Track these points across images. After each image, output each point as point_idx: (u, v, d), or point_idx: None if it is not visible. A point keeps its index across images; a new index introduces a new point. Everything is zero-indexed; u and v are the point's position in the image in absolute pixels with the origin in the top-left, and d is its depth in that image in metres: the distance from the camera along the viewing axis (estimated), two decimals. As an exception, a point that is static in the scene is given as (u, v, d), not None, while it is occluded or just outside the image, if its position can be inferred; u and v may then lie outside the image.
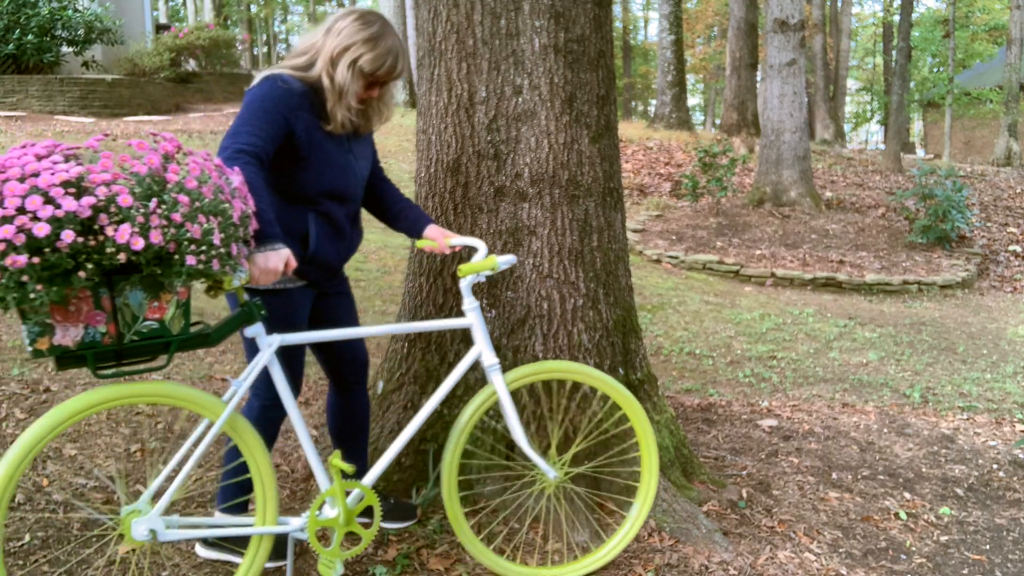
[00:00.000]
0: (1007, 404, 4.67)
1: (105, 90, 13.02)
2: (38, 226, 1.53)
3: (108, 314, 1.72)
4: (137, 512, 1.93)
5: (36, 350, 1.68)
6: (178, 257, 1.68)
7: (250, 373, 2.00)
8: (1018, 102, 17.67)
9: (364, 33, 2.13)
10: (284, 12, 43.55)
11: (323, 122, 2.18)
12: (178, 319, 1.81)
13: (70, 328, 1.70)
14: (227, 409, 1.95)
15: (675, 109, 17.01)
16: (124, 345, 1.75)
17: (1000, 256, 9.99)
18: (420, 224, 2.46)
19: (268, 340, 2.03)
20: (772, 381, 4.98)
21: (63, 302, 1.66)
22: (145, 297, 1.75)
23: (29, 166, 1.60)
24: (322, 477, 2.15)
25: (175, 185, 1.69)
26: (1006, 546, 2.87)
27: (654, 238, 9.64)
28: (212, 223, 1.71)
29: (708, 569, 2.50)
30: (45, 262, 1.55)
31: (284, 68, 2.17)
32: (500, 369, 2.28)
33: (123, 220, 1.61)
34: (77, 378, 3.63)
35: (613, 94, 2.90)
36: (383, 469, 2.21)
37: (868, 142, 43.29)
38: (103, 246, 1.60)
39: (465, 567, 2.40)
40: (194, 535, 1.99)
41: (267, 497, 2.06)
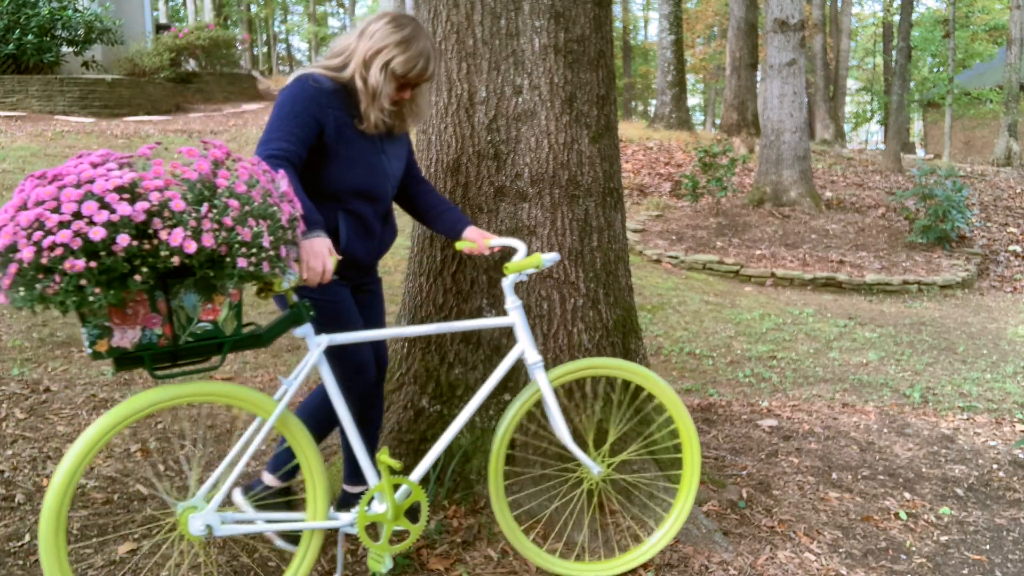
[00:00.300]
0: (1007, 404, 4.67)
1: (105, 90, 13.02)
2: (94, 230, 1.59)
3: (164, 316, 1.77)
4: (193, 508, 1.98)
5: (96, 352, 1.73)
6: (230, 260, 1.73)
7: (300, 372, 2.06)
8: (1018, 102, 17.67)
9: (396, 36, 2.15)
10: (284, 12, 43.55)
11: (355, 120, 2.21)
12: (231, 320, 1.86)
13: (128, 330, 1.75)
14: (279, 407, 2.00)
15: (675, 109, 17.01)
16: (179, 346, 1.81)
17: (1000, 256, 9.99)
18: (460, 226, 2.47)
19: (316, 340, 2.07)
20: (772, 381, 4.98)
21: (120, 305, 1.71)
22: (199, 299, 1.80)
23: (84, 173, 1.66)
24: (370, 473, 2.19)
25: (225, 190, 1.74)
26: (1006, 546, 2.87)
27: (654, 238, 9.64)
28: (262, 226, 1.76)
29: (708, 569, 2.50)
30: (102, 266, 1.61)
31: (317, 68, 2.21)
32: (543, 367, 2.31)
33: (176, 224, 1.66)
34: (77, 378, 3.63)
35: (613, 94, 2.90)
36: (428, 467, 2.23)
37: (868, 142, 43.29)
38: (157, 250, 1.65)
39: (465, 567, 2.40)
40: (247, 530, 2.05)
41: (317, 492, 2.10)
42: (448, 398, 2.76)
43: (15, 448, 2.91)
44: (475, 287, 2.77)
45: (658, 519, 2.65)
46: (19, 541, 2.37)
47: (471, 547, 2.49)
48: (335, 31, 48.02)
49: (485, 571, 2.39)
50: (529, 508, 2.64)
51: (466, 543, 2.51)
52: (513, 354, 2.28)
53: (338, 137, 2.18)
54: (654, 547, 2.46)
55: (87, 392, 3.50)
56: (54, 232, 1.59)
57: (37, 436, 3.03)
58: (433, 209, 2.49)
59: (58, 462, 2.85)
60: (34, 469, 2.79)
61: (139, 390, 3.60)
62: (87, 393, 3.49)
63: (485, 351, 2.75)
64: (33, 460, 2.85)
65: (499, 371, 2.28)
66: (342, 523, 2.14)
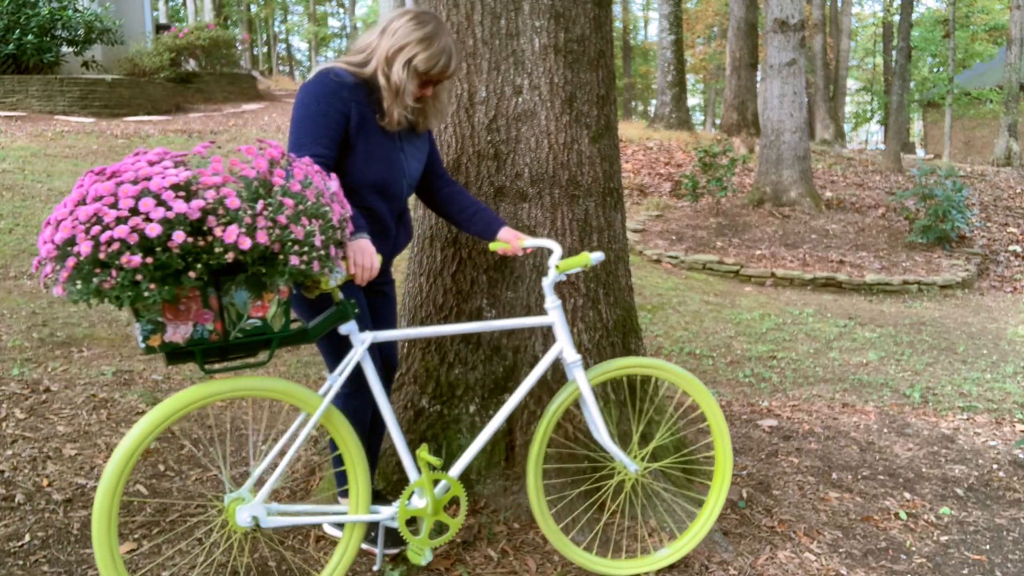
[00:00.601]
0: (1007, 404, 4.67)
1: (105, 90, 13.02)
2: (150, 227, 1.62)
3: (215, 312, 1.81)
4: (240, 500, 2.03)
5: (148, 347, 1.78)
6: (282, 257, 1.76)
7: (345, 368, 2.10)
8: (1018, 102, 17.67)
9: (418, 33, 2.16)
10: (284, 12, 43.55)
11: (376, 116, 2.22)
12: (279, 317, 1.89)
13: (180, 326, 1.79)
14: (324, 403, 2.05)
15: (675, 109, 17.01)
16: (229, 342, 1.85)
17: (1000, 256, 9.99)
18: (494, 226, 2.47)
19: (361, 337, 2.11)
20: (772, 381, 4.98)
21: (174, 301, 1.76)
22: (249, 296, 1.84)
23: (142, 171, 1.70)
24: (411, 468, 2.23)
25: (280, 188, 1.78)
26: (1006, 546, 2.87)
27: (654, 238, 9.64)
28: (314, 225, 1.80)
29: (708, 569, 2.50)
30: (157, 261, 1.64)
31: (339, 63, 2.23)
32: (583, 365, 2.34)
33: (231, 221, 1.69)
34: (77, 378, 3.63)
35: (613, 94, 2.90)
36: (468, 462, 2.28)
37: (868, 142, 43.29)
38: (212, 246, 1.68)
39: (465, 567, 2.40)
40: (292, 523, 2.09)
41: (360, 486, 2.16)
42: (448, 398, 2.76)
43: (15, 448, 2.91)
44: (475, 287, 2.77)
45: (687, 515, 2.70)
46: (19, 541, 2.37)
47: (471, 547, 2.50)
48: (335, 31, 48.06)
49: (485, 571, 2.39)
50: (561, 506, 2.65)
51: (466, 543, 2.51)
52: (552, 353, 2.32)
53: (359, 131, 2.19)
54: (688, 544, 2.50)
55: (87, 392, 3.50)
56: (111, 227, 1.62)
57: (37, 436, 3.03)
58: (467, 210, 2.47)
59: (60, 462, 2.86)
60: (34, 469, 2.79)
61: (139, 390, 3.60)
62: (87, 393, 3.49)
63: (485, 351, 2.76)
64: (33, 460, 2.85)
65: (539, 369, 2.32)
66: (383, 517, 2.20)
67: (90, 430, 3.15)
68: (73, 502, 2.62)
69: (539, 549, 2.53)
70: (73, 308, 4.71)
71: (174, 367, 4.02)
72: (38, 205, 7.20)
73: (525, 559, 2.47)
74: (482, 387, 2.75)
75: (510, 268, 2.73)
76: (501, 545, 2.52)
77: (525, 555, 2.49)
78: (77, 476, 2.79)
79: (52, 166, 8.88)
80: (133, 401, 3.48)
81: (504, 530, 2.59)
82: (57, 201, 7.42)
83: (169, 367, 4.00)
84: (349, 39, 48.09)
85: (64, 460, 2.89)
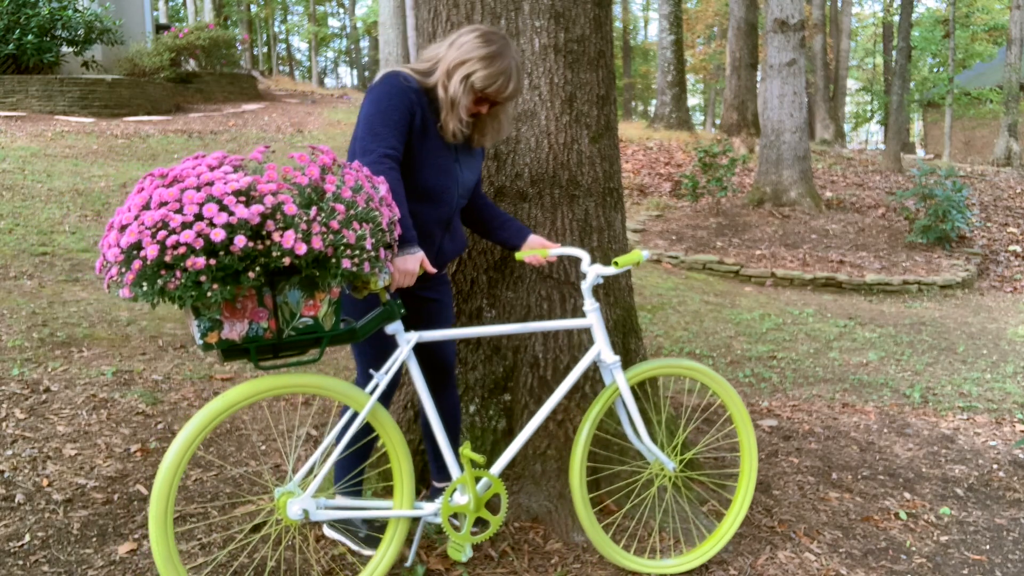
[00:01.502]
0: (1007, 404, 4.67)
1: (105, 90, 13.02)
2: (215, 232, 1.70)
3: (270, 311, 1.89)
4: (290, 494, 2.10)
5: (206, 344, 1.85)
6: (335, 260, 1.84)
7: (391, 367, 2.16)
8: (1018, 102, 17.67)
9: (482, 51, 2.19)
10: (284, 12, 43.54)
11: (437, 124, 2.26)
12: (329, 316, 1.96)
13: (236, 324, 1.87)
14: (371, 401, 2.11)
15: (675, 109, 17.01)
16: (282, 340, 1.92)
17: (1000, 256, 9.99)
18: (523, 234, 2.50)
19: (406, 337, 2.17)
20: (772, 381, 4.98)
21: (232, 300, 1.84)
22: (302, 296, 1.91)
23: (204, 176, 1.78)
24: (453, 466, 2.29)
25: (332, 195, 1.84)
26: (1006, 546, 2.87)
27: (654, 238, 9.64)
28: (364, 229, 1.87)
29: (708, 569, 2.50)
30: (220, 263, 1.73)
31: (407, 68, 2.27)
32: (621, 366, 2.39)
33: (288, 227, 1.77)
34: (77, 378, 3.63)
35: (613, 94, 2.90)
36: (509, 461, 2.34)
37: (868, 142, 43.29)
38: (270, 250, 1.76)
39: (465, 567, 2.40)
40: (342, 516, 2.16)
41: (404, 482, 2.21)
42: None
43: (15, 448, 2.91)
44: (475, 287, 2.77)
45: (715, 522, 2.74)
46: (19, 541, 2.37)
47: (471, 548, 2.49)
48: (335, 31, 48.06)
49: (485, 571, 2.39)
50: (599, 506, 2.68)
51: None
52: (590, 355, 2.36)
53: (420, 134, 2.23)
54: (721, 540, 2.54)
55: (87, 392, 3.50)
56: (178, 232, 1.70)
57: (37, 436, 3.03)
58: (497, 219, 2.52)
59: (60, 462, 2.86)
60: (34, 469, 2.79)
61: (139, 390, 3.60)
62: (87, 393, 3.49)
63: (485, 351, 2.76)
64: (33, 460, 2.85)
65: (576, 371, 2.37)
66: (426, 513, 2.25)
67: (90, 430, 3.15)
68: (73, 502, 2.62)
69: (539, 549, 2.53)
70: (73, 308, 4.72)
71: (175, 373, 4.01)
72: (38, 205, 7.20)
73: (525, 559, 2.47)
74: (482, 387, 2.76)
75: (510, 268, 2.73)
76: (502, 546, 2.52)
77: (525, 555, 2.49)
78: (77, 476, 2.79)
79: (52, 166, 8.88)
80: (133, 401, 3.48)
81: (505, 530, 2.59)
82: (57, 201, 7.42)
83: (168, 371, 4.00)
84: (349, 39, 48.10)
85: (64, 460, 2.89)
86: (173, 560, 1.93)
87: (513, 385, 2.73)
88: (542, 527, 2.63)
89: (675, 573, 2.47)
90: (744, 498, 2.58)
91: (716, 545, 2.54)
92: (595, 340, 2.37)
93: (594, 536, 2.40)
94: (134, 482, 2.80)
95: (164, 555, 1.92)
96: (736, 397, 2.54)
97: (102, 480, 2.79)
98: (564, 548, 2.54)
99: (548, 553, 2.51)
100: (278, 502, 2.10)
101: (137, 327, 4.55)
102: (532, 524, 2.63)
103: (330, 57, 52.71)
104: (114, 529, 2.49)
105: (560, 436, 2.71)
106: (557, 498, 2.66)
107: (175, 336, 4.52)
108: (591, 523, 2.39)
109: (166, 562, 1.92)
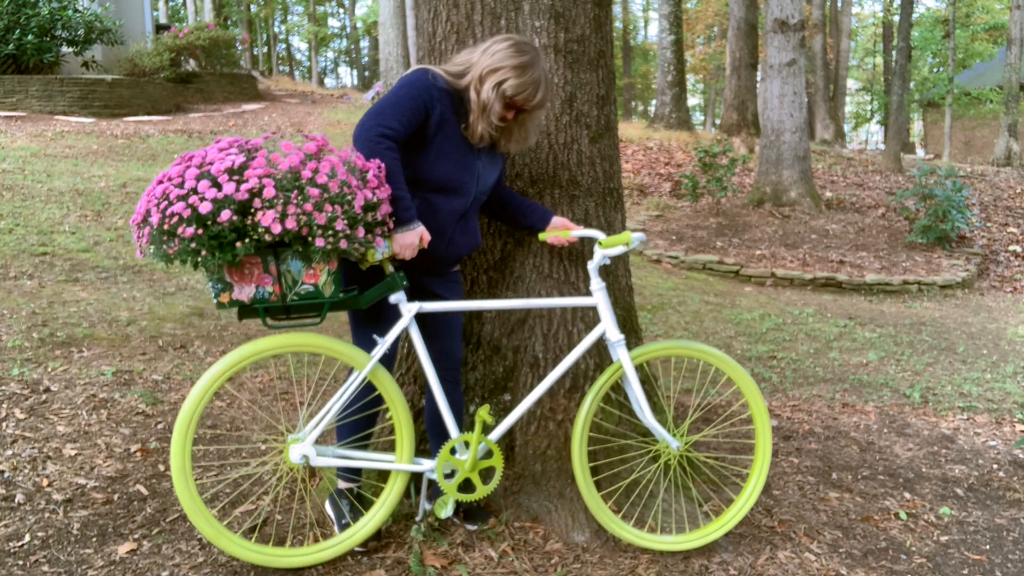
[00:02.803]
0: (1007, 404, 4.67)
1: (105, 90, 13.01)
2: (203, 204, 1.95)
3: (274, 278, 2.12)
4: (297, 440, 2.32)
5: (220, 303, 2.13)
6: (311, 239, 2.03)
7: (393, 333, 2.34)
8: (1018, 102, 17.66)
9: (515, 60, 2.29)
10: (284, 12, 43.53)
11: (462, 125, 2.34)
12: (329, 285, 2.16)
13: (244, 287, 2.12)
14: (371, 362, 2.31)
15: (675, 109, 17.01)
16: (287, 303, 2.14)
17: (1000, 256, 9.99)
18: (547, 217, 2.59)
19: (408, 307, 2.35)
20: (772, 381, 4.98)
21: (237, 266, 2.08)
22: (303, 265, 2.12)
23: (209, 155, 2.03)
24: (452, 426, 2.44)
25: (308, 180, 2.03)
26: (1006, 546, 2.87)
27: (654, 238, 9.64)
28: (336, 211, 2.04)
29: (708, 569, 2.50)
30: (209, 233, 1.97)
31: (439, 68, 2.36)
32: (626, 344, 2.47)
33: (269, 207, 1.99)
34: (77, 378, 3.63)
35: (613, 94, 2.90)
36: (507, 428, 2.47)
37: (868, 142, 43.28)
38: (257, 225, 1.99)
39: (465, 567, 2.40)
40: (338, 463, 2.37)
41: (404, 438, 2.39)
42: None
43: (15, 448, 2.91)
44: (475, 287, 2.77)
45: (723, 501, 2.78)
46: (19, 541, 2.37)
47: (471, 548, 2.50)
48: (335, 31, 48.05)
49: (485, 571, 2.39)
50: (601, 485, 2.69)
51: (465, 544, 2.51)
52: (595, 332, 2.46)
53: (438, 129, 2.31)
54: (733, 519, 2.57)
55: (87, 392, 3.50)
56: (173, 203, 1.96)
57: (37, 436, 3.03)
58: (521, 207, 2.60)
59: (60, 462, 2.86)
60: (34, 469, 2.79)
61: (139, 390, 3.60)
62: (87, 393, 3.49)
63: (485, 351, 2.76)
64: (33, 460, 2.85)
65: (580, 347, 2.47)
66: (425, 468, 2.43)
67: (90, 430, 3.15)
68: (73, 502, 2.62)
69: (539, 550, 2.53)
70: (73, 308, 4.72)
71: (175, 373, 4.02)
72: (38, 205, 7.20)
73: (525, 559, 2.47)
74: (482, 387, 2.76)
75: (510, 268, 2.73)
76: (502, 546, 2.52)
77: (525, 555, 2.49)
78: (77, 476, 2.79)
79: (52, 166, 8.88)
80: (133, 401, 3.48)
81: (505, 530, 2.59)
82: (57, 201, 7.42)
83: (168, 371, 4.00)
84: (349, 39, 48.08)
85: (64, 460, 2.89)
86: (192, 495, 2.19)
87: (513, 385, 2.73)
88: (542, 527, 2.63)
89: (674, 551, 2.50)
90: (757, 483, 2.61)
91: (722, 528, 2.56)
92: (601, 318, 2.45)
93: (593, 506, 2.45)
94: (134, 482, 2.80)
95: (179, 467, 2.18)
96: (749, 379, 2.57)
97: (102, 480, 2.79)
98: (564, 548, 2.54)
99: (548, 553, 2.51)
100: (285, 447, 2.31)
101: (137, 327, 4.55)
102: (532, 524, 2.63)
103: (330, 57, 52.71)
104: (114, 529, 2.49)
105: (560, 436, 2.71)
106: (557, 498, 2.66)
107: (175, 336, 4.52)
108: (590, 493, 2.45)
109: (180, 474, 2.18)
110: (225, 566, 2.34)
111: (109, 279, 5.55)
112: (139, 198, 7.97)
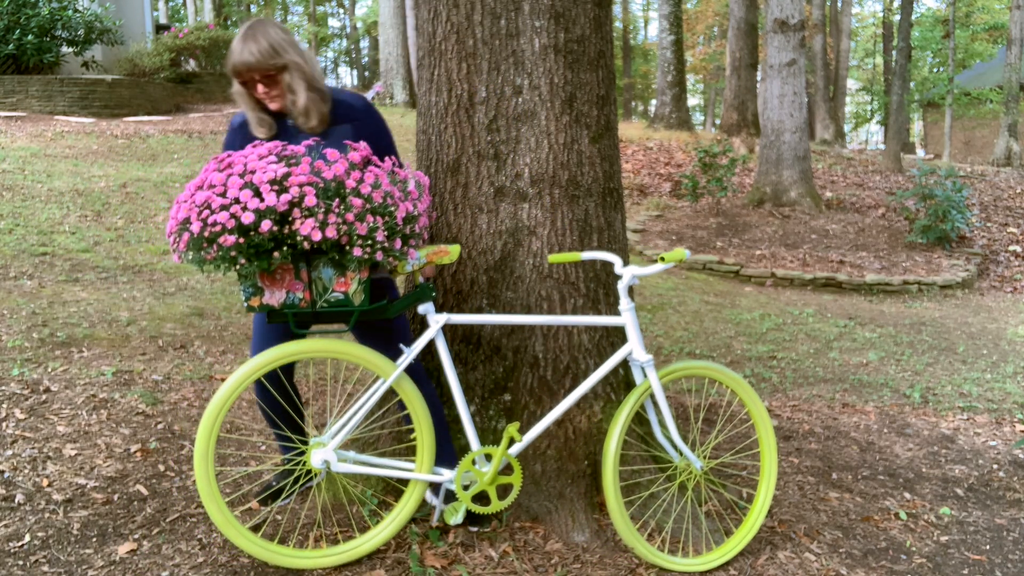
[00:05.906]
0: (1007, 404, 4.67)
1: (105, 90, 13.01)
2: (245, 215, 1.97)
3: (305, 284, 2.14)
4: (320, 444, 2.32)
5: (250, 306, 2.15)
6: (349, 248, 2.05)
7: (420, 343, 2.35)
8: (1018, 102, 17.67)
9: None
10: (284, 12, 43.52)
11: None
12: (359, 293, 2.16)
13: (275, 292, 2.14)
14: (396, 370, 2.31)
15: (675, 109, 17.00)
16: (316, 310, 2.16)
17: (1000, 256, 9.99)
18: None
19: (436, 317, 2.37)
20: (772, 381, 4.98)
21: (270, 272, 2.11)
22: (334, 273, 2.13)
23: (250, 164, 2.04)
24: (473, 438, 2.44)
25: (352, 190, 2.05)
26: (1006, 546, 2.87)
27: (654, 238, 9.64)
28: (377, 223, 2.07)
29: (708, 569, 2.50)
30: (249, 242, 2.00)
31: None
32: (654, 365, 2.50)
33: (309, 216, 2.00)
34: (77, 378, 3.63)
35: (613, 94, 2.90)
36: (527, 444, 2.46)
37: (868, 142, 43.28)
38: (295, 234, 2.01)
39: (465, 567, 2.40)
40: (359, 471, 2.35)
41: (425, 449, 2.39)
42: (448, 398, 2.76)
43: (15, 448, 2.91)
44: (475, 287, 2.77)
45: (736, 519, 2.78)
46: (19, 541, 2.37)
47: (471, 548, 2.50)
48: (335, 31, 48.02)
49: (485, 571, 2.39)
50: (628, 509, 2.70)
51: (465, 544, 2.51)
52: (621, 352, 2.46)
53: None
54: (742, 541, 2.58)
55: (87, 392, 3.50)
56: (216, 212, 1.98)
57: (37, 436, 3.03)
58: None
59: (60, 462, 2.86)
60: (34, 469, 2.79)
61: (139, 390, 3.60)
62: (87, 393, 3.49)
63: (485, 351, 2.76)
64: (33, 460, 2.85)
65: (606, 366, 2.46)
66: (444, 478, 2.42)
67: (90, 430, 3.15)
68: (73, 502, 2.62)
69: (539, 550, 2.53)
70: (73, 308, 4.72)
71: (175, 373, 4.01)
72: (38, 205, 7.20)
73: (525, 559, 2.47)
74: (482, 387, 2.76)
75: (510, 268, 2.73)
76: (502, 547, 2.52)
77: (525, 555, 2.49)
78: (77, 476, 2.79)
79: (52, 166, 8.88)
80: (133, 401, 3.48)
81: (505, 530, 2.59)
82: (57, 201, 7.42)
83: (168, 371, 4.00)
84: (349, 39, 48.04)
85: (64, 460, 2.89)
86: (212, 487, 2.20)
87: (513, 385, 2.73)
88: (542, 527, 2.63)
89: (698, 571, 2.50)
90: (763, 504, 2.63)
91: (738, 545, 2.57)
92: (628, 338, 2.46)
93: (625, 532, 2.43)
94: (134, 482, 2.80)
95: (202, 452, 2.20)
96: (756, 398, 2.61)
97: (102, 480, 2.79)
98: (564, 548, 2.54)
99: (548, 553, 2.51)
100: (308, 449, 2.32)
101: (137, 327, 4.55)
102: (532, 524, 2.63)
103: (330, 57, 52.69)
104: (114, 529, 2.49)
105: (560, 436, 2.71)
106: (557, 498, 2.66)
107: (175, 336, 4.52)
108: (624, 521, 2.43)
109: (202, 458, 2.19)
110: (225, 566, 2.34)
111: (109, 279, 5.55)
112: (139, 198, 8.00)
